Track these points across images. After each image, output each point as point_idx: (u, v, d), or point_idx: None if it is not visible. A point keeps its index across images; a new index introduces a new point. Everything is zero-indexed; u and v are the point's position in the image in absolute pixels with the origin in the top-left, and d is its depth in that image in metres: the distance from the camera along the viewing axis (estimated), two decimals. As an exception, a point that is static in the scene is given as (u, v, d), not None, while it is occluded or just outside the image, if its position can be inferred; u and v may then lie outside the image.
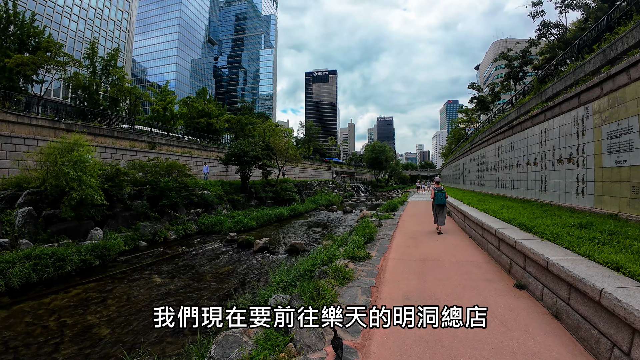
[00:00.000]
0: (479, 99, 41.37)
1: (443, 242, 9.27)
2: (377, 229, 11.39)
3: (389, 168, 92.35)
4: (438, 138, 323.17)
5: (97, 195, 13.44)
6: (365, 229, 10.02)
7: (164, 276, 10.77)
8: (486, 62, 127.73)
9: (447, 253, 7.77)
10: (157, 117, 42.27)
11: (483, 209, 10.66)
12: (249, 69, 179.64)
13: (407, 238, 9.79)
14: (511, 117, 20.70)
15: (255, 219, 20.32)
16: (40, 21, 58.25)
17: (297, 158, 35.49)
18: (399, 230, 11.46)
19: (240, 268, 11.27)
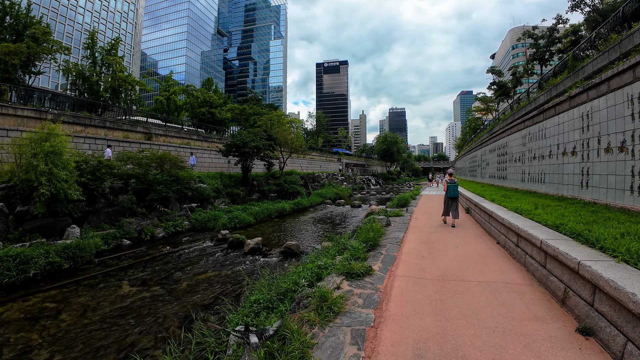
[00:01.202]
0: (499, 84, 38.44)
1: (465, 249, 7.46)
2: (385, 230, 9.65)
3: (401, 160, 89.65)
4: (451, 130, 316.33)
5: (72, 190, 12.12)
6: (369, 232, 8.28)
7: (135, 283, 9.35)
8: (503, 50, 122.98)
9: (472, 267, 5.97)
10: (161, 109, 41.16)
11: (513, 208, 8.76)
12: (259, 60, 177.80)
13: (420, 243, 8.00)
14: (540, 100, 18.41)
15: (254, 214, 18.80)
16: (45, 14, 57.95)
17: (303, 149, 33.74)
18: (411, 232, 9.67)
19: (223, 274, 9.74)
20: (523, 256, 6.31)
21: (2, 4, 24.27)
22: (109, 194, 14.10)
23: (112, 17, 72.02)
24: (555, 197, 11.88)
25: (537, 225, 6.52)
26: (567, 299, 4.37)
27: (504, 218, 7.58)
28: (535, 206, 8.98)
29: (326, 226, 18.08)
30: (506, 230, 7.52)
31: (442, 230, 9.90)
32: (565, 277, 4.51)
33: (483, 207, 10.13)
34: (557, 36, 31.19)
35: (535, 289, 4.94)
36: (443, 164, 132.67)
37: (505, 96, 39.07)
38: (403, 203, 17.40)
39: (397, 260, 6.39)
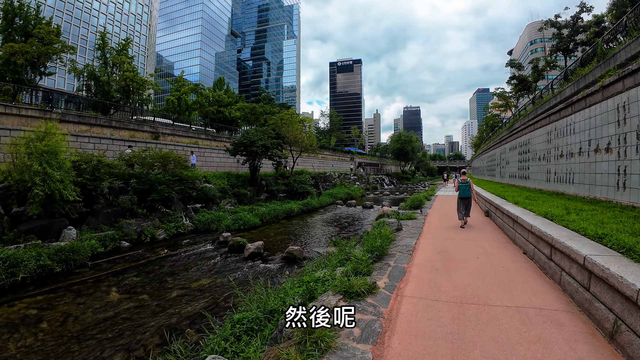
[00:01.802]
0: (519, 78, 36.50)
1: (486, 260, 6.45)
2: (395, 236, 8.70)
3: (416, 159, 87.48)
4: (468, 128, 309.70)
5: (67, 191, 11.68)
6: (377, 239, 7.36)
7: (124, 290, 8.75)
8: (520, 45, 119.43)
9: (496, 286, 4.98)
10: (173, 109, 41.13)
11: (542, 212, 7.67)
12: (272, 60, 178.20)
13: (434, 252, 7.03)
14: (566, 93, 17.00)
15: (260, 215, 18.09)
16: (60, 17, 59.25)
17: (314, 148, 32.87)
18: (424, 238, 8.68)
19: (218, 282, 9.02)
20: (558, 272, 5.28)
21: (11, 5, 24.40)
22: (108, 195, 13.65)
23: (126, 19, 73.12)
24: (586, 200, 10.67)
25: (574, 234, 5.48)
26: (617, 334, 3.39)
27: (532, 225, 6.54)
28: (567, 210, 7.86)
29: (334, 229, 17.20)
30: (535, 239, 6.48)
31: (460, 237, 8.87)
32: (617, 307, 3.51)
33: (506, 211, 9.04)
34: (581, 25, 29.24)
35: (575, 318, 3.95)
36: (459, 163, 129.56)
37: (525, 91, 37.09)
38: (417, 204, 16.35)
39: (406, 275, 5.46)
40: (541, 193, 14.53)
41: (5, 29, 24.06)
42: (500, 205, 10.16)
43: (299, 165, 41.11)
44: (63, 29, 58.73)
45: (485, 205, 13.73)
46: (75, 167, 13.46)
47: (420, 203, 16.48)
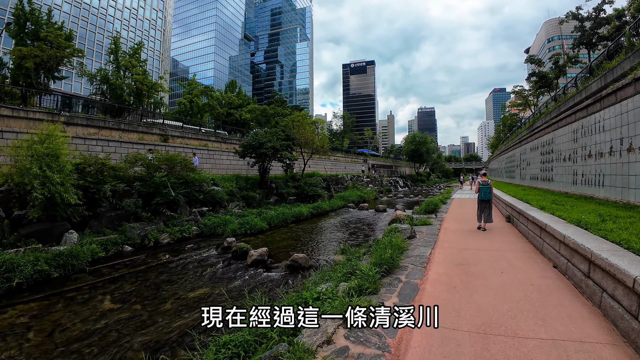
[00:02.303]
0: (540, 74, 34.84)
1: (512, 276, 5.63)
2: (408, 244, 7.95)
3: (430, 161, 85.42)
4: (484, 129, 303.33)
5: (68, 194, 11.42)
6: (387, 248, 6.64)
7: (118, 299, 8.32)
8: (538, 43, 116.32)
9: (526, 310, 4.18)
10: (185, 111, 41.36)
11: (574, 220, 6.79)
12: (285, 63, 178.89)
13: (451, 265, 6.25)
14: (592, 88, 15.84)
15: (268, 219, 17.56)
16: (76, 22, 60.77)
17: (325, 150, 32.28)
18: (440, 247, 7.89)
19: (217, 292, 8.45)
20: (598, 294, 4.45)
21: (23, 10, 24.82)
22: (112, 198, 13.38)
23: (141, 24, 74.56)
24: (619, 205, 9.64)
25: (616, 248, 4.64)
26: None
27: (565, 235, 5.70)
28: (601, 218, 6.95)
29: (344, 234, 16.49)
30: (569, 252, 5.64)
31: (480, 246, 8.03)
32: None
33: (532, 218, 8.15)
34: (604, 17, 27.64)
35: (621, 353, 3.16)
36: (475, 165, 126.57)
37: (546, 88, 35.41)
38: (432, 208, 15.45)
39: (419, 294, 4.72)
40: (567, 197, 13.46)
41: (18, 34, 24.46)
42: (524, 211, 9.25)
43: (311, 167, 40.58)
44: (79, 34, 60.33)
45: (506, 210, 12.77)
46: (79, 170, 13.26)
47: (435, 207, 15.59)
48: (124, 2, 70.31)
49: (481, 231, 10.28)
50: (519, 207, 9.98)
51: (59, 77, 27.51)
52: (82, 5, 60.62)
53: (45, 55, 21.51)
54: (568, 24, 33.55)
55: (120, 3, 69.18)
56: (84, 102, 23.11)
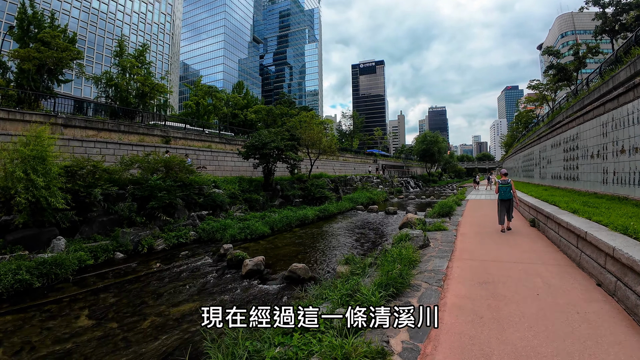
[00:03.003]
0: (558, 67, 32.97)
1: (550, 300, 4.48)
2: (420, 256, 6.86)
3: (442, 160, 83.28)
4: (496, 128, 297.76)
5: (54, 198, 10.73)
6: (395, 262, 5.59)
7: (95, 314, 7.51)
8: (551, 39, 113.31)
9: (577, 354, 3.10)
10: (191, 113, 41.00)
11: (619, 226, 5.60)
12: (294, 65, 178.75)
13: (474, 285, 5.10)
14: (620, 77, 14.39)
15: (271, 223, 16.64)
16: (84, 27, 61.45)
17: (333, 150, 31.21)
18: (458, 259, 6.76)
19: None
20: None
21: (25, 13, 24.64)
22: (103, 202, 12.66)
23: (150, 28, 75.04)
24: (667, 206, 8.37)
25: None
26: None
27: (614, 247, 4.56)
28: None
29: (351, 239, 15.42)
30: (619, 268, 4.48)
31: (505, 256, 6.85)
32: None
33: (564, 223, 6.94)
34: (626, 2, 25.82)
35: None
36: (488, 164, 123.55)
37: (565, 81, 33.51)
38: (446, 211, 14.22)
39: (433, 330, 3.67)
40: (597, 197, 12.10)
41: (21, 38, 24.29)
42: (553, 215, 8.03)
43: (319, 168, 39.59)
44: (88, 40, 61.10)
45: (529, 213, 11.49)
46: (70, 173, 12.63)
47: (450, 209, 14.36)
48: (132, 6, 70.97)
49: (504, 234, 9.31)
50: (547, 211, 8.75)
51: (63, 80, 27.24)
52: (90, 10, 61.33)
53: (42, 56, 21.13)
54: (582, 19, 31.86)
55: (129, 8, 69.84)
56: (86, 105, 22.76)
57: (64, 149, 16.48)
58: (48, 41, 21.71)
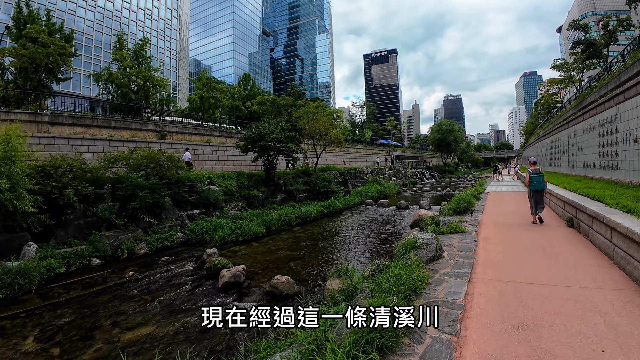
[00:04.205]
0: (587, 42, 29.90)
1: (625, 356, 2.90)
2: (429, 273, 5.28)
3: (459, 150, 79.58)
4: (515, 115, 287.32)
5: (20, 201, 9.67)
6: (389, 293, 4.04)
7: (44, 335, 6.46)
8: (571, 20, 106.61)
9: None
10: (196, 107, 40.04)
11: None
12: (305, 57, 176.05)
13: (504, 333, 3.43)
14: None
15: (268, 222, 15.27)
16: (91, 26, 61.36)
17: (340, 141, 29.47)
18: (481, 280, 5.03)
19: (163, 332, 6.22)
20: None
21: (21, 12, 23.96)
22: (77, 203, 11.54)
23: (156, 24, 74.45)
24: None
25: None
26: None
27: None
28: None
29: (354, 240, 13.84)
30: None
31: (543, 274, 5.12)
32: None
33: (624, 229, 5.09)
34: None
35: None
36: (507, 153, 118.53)
37: (595, 58, 30.43)
38: (464, 207, 12.35)
39: None
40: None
41: (18, 37, 23.63)
42: (601, 215, 6.22)
43: (328, 161, 37.98)
44: (95, 38, 60.99)
45: (564, 210, 9.60)
46: (44, 174, 11.60)
47: (468, 205, 12.49)
48: (138, 3, 70.41)
49: (538, 237, 7.61)
50: (592, 209, 6.90)
51: (62, 78, 26.57)
52: (96, 9, 61.08)
53: (29, 53, 20.28)
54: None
55: (135, 4, 69.31)
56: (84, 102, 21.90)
57: (49, 147, 15.58)
58: (34, 37, 20.86)
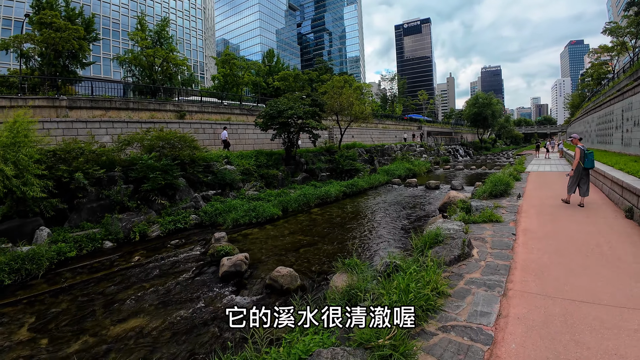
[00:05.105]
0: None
1: None
2: (451, 278, 4.24)
3: (496, 125, 72.84)
4: (559, 88, 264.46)
5: (28, 187, 9.62)
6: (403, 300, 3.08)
7: (38, 324, 6.24)
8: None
9: None
10: (220, 86, 39.70)
11: None
12: (333, 30, 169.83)
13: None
14: None
15: (284, 203, 14.59)
16: (116, 10, 62.16)
17: (365, 116, 27.79)
18: (518, 294, 3.84)
19: (151, 326, 5.74)
20: None
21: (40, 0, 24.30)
22: (88, 186, 11.41)
23: (181, 5, 74.09)
24: None
25: None
26: None
27: None
28: None
29: (372, 226, 12.80)
30: None
31: (605, 289, 3.88)
32: None
33: None
34: None
35: None
36: (549, 129, 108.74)
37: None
38: (500, 189, 10.69)
39: None
40: None
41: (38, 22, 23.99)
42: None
43: (354, 137, 36.50)
44: (121, 22, 61.93)
45: (622, 196, 7.89)
46: (57, 158, 11.57)
47: (506, 187, 10.86)
48: (162, -17, 70.47)
49: (591, 232, 6.17)
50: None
51: (87, 62, 26.97)
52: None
53: (44, 38, 20.42)
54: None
55: (158, -15, 69.50)
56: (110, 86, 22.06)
57: (67, 131, 15.71)
58: (48, 22, 20.94)
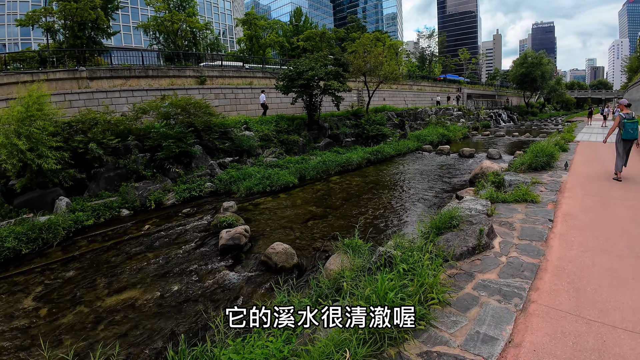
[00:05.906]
0: None
1: None
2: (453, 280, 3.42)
3: (546, 88, 63.97)
4: (616, 49, 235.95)
5: (42, 159, 9.77)
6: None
7: (41, 294, 6.34)
8: None
9: None
10: (246, 49, 38.64)
11: None
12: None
13: None
14: None
15: (302, 171, 13.98)
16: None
17: (395, 76, 25.72)
18: (544, 299, 2.96)
19: (146, 298, 5.62)
20: None
21: None
22: (103, 156, 11.45)
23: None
24: None
25: None
26: None
27: None
28: None
29: (390, 198, 11.84)
30: None
31: None
32: None
33: None
34: None
35: None
36: (605, 94, 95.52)
37: None
38: (542, 162, 9.01)
39: None
40: None
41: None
42: None
43: (387, 100, 34.43)
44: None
45: None
46: (73, 130, 11.67)
47: (549, 159, 9.21)
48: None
49: None
50: None
51: (112, 32, 27.08)
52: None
53: (63, 9, 20.43)
54: None
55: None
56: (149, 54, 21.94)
57: (88, 102, 15.85)
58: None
